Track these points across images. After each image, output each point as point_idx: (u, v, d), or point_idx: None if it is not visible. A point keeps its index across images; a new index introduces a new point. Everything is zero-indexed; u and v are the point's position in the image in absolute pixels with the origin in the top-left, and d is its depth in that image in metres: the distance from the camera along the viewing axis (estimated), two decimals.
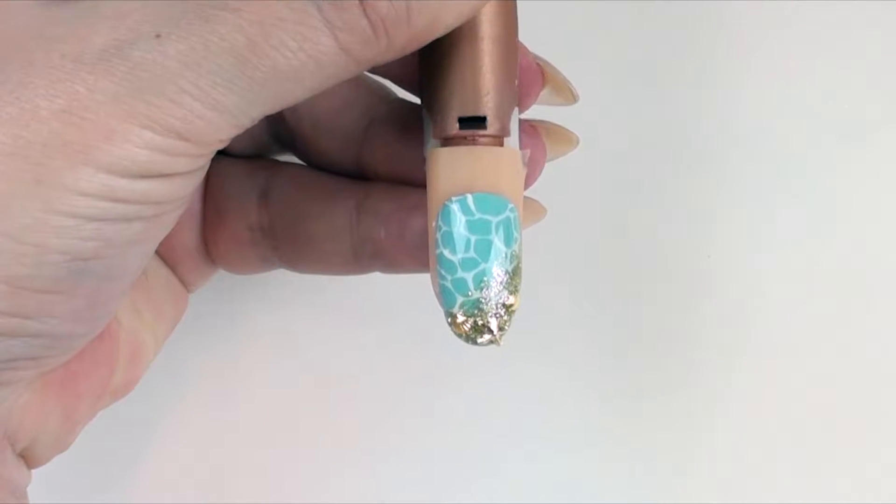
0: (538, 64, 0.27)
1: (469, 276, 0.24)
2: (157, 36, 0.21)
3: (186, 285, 0.31)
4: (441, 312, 0.25)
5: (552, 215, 0.29)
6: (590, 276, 0.37)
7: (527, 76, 0.26)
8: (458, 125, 0.24)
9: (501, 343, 0.24)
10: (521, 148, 0.26)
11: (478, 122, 0.24)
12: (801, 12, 0.37)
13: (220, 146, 0.22)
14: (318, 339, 0.37)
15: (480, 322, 0.24)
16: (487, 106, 0.24)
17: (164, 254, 0.31)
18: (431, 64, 0.25)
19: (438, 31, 0.23)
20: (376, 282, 0.30)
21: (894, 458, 0.36)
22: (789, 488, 0.36)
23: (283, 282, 0.36)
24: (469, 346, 0.24)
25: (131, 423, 0.36)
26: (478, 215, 0.24)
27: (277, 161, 0.31)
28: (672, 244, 0.37)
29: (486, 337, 0.24)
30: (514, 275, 0.24)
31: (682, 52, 0.38)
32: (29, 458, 0.27)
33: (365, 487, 0.36)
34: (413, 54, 0.23)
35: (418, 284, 0.28)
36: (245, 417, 0.37)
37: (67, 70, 0.21)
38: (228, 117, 0.22)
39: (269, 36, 0.21)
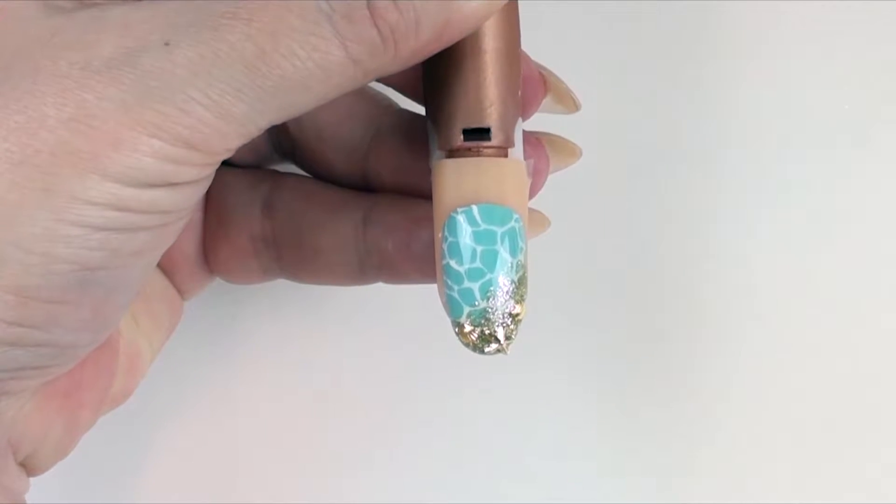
0: (540, 73, 0.27)
1: (475, 286, 0.24)
2: (166, 44, 0.21)
3: (182, 294, 0.31)
4: (445, 321, 0.25)
5: (550, 216, 0.29)
6: (590, 276, 0.37)
7: (529, 85, 0.27)
8: (462, 137, 0.24)
9: (508, 352, 0.24)
10: (525, 158, 0.26)
11: (482, 133, 0.24)
12: (801, 12, 0.37)
13: (227, 155, 0.22)
14: (317, 346, 0.37)
15: (487, 331, 0.24)
16: (491, 117, 0.24)
17: (163, 262, 0.30)
18: (435, 77, 0.25)
19: (444, 43, 0.23)
20: (378, 291, 0.30)
21: (894, 458, 0.36)
22: (789, 488, 0.36)
23: (283, 290, 0.36)
24: (475, 355, 0.25)
25: (130, 432, 0.36)
26: (483, 226, 0.24)
27: (279, 172, 0.31)
28: (672, 244, 0.37)
29: (493, 346, 0.24)
30: (520, 284, 0.24)
31: (682, 52, 0.37)
32: (29, 467, 0.27)
33: (366, 495, 0.36)
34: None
35: (421, 293, 0.28)
36: (244, 426, 0.36)
37: (75, 78, 0.21)
38: (236, 126, 0.22)
39: (278, 45, 0.21)
